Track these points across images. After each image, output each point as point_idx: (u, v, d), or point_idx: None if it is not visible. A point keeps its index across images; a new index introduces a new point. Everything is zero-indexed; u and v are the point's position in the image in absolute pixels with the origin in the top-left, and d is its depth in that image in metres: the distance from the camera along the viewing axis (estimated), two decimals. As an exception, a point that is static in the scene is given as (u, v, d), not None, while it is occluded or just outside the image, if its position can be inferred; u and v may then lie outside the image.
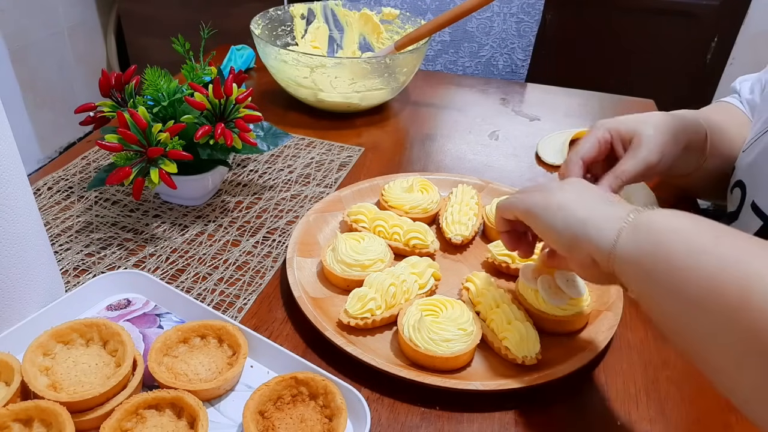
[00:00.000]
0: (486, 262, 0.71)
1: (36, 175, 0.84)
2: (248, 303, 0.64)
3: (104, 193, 0.81)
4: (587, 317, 0.62)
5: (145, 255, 0.70)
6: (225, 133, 0.69)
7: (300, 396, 0.51)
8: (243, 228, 0.76)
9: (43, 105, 2.20)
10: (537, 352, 0.57)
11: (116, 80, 0.73)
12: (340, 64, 0.98)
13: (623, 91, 1.23)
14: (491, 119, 1.09)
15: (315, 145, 0.96)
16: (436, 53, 1.53)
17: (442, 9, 1.45)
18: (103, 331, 0.53)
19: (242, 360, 0.53)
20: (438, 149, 0.98)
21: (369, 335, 0.60)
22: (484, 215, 0.76)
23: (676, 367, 0.60)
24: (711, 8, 2.06)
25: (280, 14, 1.13)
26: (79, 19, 2.30)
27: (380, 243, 0.68)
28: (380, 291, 0.60)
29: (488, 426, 0.53)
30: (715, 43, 2.12)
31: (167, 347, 0.54)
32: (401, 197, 0.76)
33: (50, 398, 0.47)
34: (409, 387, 0.55)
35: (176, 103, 0.72)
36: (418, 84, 1.20)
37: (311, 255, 0.69)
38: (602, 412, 0.55)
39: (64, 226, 0.74)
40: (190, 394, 0.49)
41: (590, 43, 2.21)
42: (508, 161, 0.96)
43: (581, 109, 1.15)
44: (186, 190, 0.77)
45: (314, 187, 0.85)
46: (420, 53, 1.02)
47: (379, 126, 1.04)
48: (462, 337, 0.56)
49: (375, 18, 1.15)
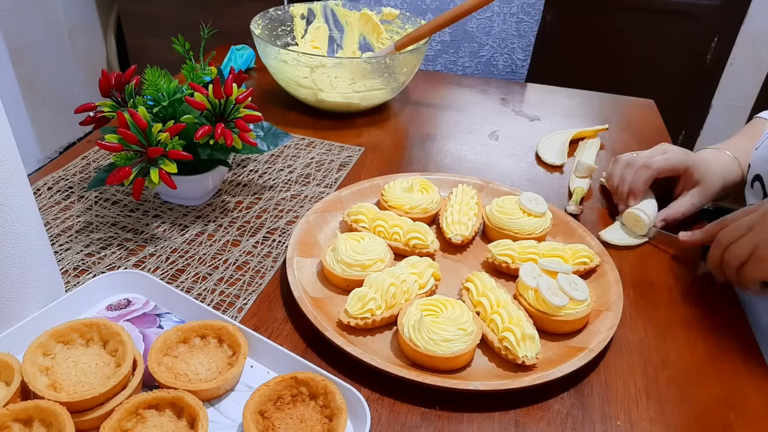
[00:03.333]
0: (486, 262, 0.71)
1: (36, 175, 0.84)
2: (248, 303, 0.64)
3: (104, 193, 0.81)
4: (587, 317, 0.62)
5: (145, 255, 0.70)
6: (225, 133, 0.69)
7: (300, 396, 0.51)
8: (243, 228, 0.76)
9: (43, 105, 2.20)
10: (537, 352, 0.57)
11: (116, 80, 0.73)
12: (340, 64, 0.98)
13: (623, 91, 1.23)
14: (491, 119, 1.09)
15: (315, 145, 0.96)
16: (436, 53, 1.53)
17: (442, 9, 1.45)
18: (103, 331, 0.53)
19: (242, 360, 0.53)
20: (438, 149, 0.98)
21: (369, 335, 0.60)
22: (484, 215, 0.76)
23: (676, 367, 0.60)
24: (711, 8, 2.06)
25: (280, 14, 1.13)
26: (79, 19, 2.30)
27: (380, 243, 0.68)
28: (380, 291, 0.60)
29: (488, 426, 0.53)
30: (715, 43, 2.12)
31: (167, 347, 0.54)
32: (401, 197, 0.76)
33: (50, 398, 0.47)
34: (409, 387, 0.55)
35: (176, 103, 0.72)
36: (418, 84, 1.20)
37: (311, 255, 0.69)
38: (602, 412, 0.55)
39: (64, 226, 0.74)
40: (190, 394, 0.49)
41: (590, 43, 2.21)
42: (508, 161, 0.96)
43: (581, 109, 1.15)
44: (186, 190, 0.77)
45: (314, 187, 0.85)
46: (420, 53, 1.02)
47: (379, 126, 1.04)
48: (462, 337, 0.56)
49: (375, 18, 1.15)
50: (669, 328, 0.65)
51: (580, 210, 0.82)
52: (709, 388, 0.58)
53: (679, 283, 0.71)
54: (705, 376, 0.59)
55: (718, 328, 0.65)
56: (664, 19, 2.11)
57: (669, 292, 0.70)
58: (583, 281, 0.63)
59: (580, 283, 0.63)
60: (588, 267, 0.69)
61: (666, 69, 2.18)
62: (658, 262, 0.75)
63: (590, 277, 0.69)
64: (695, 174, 0.78)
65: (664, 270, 0.74)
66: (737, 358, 0.62)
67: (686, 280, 0.72)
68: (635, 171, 0.79)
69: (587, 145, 0.99)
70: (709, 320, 0.66)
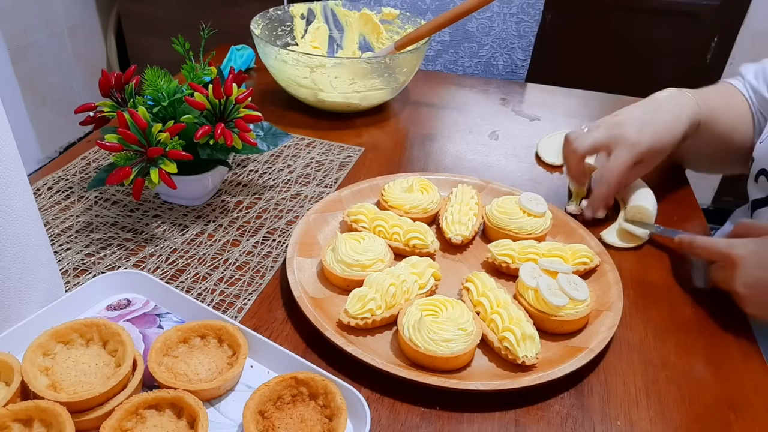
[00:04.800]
0: (486, 262, 0.71)
1: (36, 175, 0.84)
2: (248, 303, 0.64)
3: (104, 193, 0.81)
4: (587, 317, 0.62)
5: (145, 255, 0.70)
6: (225, 133, 0.69)
7: (300, 396, 0.51)
8: (243, 228, 0.76)
9: (43, 105, 2.20)
10: (537, 352, 0.57)
11: (116, 80, 0.73)
12: (340, 64, 0.98)
13: (623, 91, 1.23)
14: (491, 119, 1.09)
15: (315, 145, 0.96)
16: (436, 53, 1.53)
17: (442, 9, 1.45)
18: (103, 331, 0.53)
19: (242, 360, 0.53)
20: (438, 149, 0.98)
21: (369, 335, 0.60)
22: (484, 215, 0.76)
23: (676, 367, 0.60)
24: (711, 8, 2.06)
25: (280, 14, 1.13)
26: (79, 19, 2.29)
27: (380, 243, 0.68)
28: (380, 291, 0.60)
29: (488, 426, 0.53)
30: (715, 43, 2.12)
31: (167, 347, 0.54)
32: (401, 197, 0.76)
33: (50, 398, 0.47)
34: (409, 387, 0.55)
35: (176, 103, 0.72)
36: (418, 84, 1.20)
37: (311, 255, 0.69)
38: (602, 412, 0.55)
39: (64, 226, 0.74)
40: (190, 394, 0.49)
41: (590, 43, 2.21)
42: (508, 161, 0.96)
43: (581, 109, 1.15)
44: (186, 190, 0.77)
45: (314, 187, 0.85)
46: (420, 53, 1.02)
47: (379, 126, 1.04)
48: (462, 337, 0.56)
49: (375, 18, 1.15)
50: (669, 328, 0.65)
51: (580, 210, 0.82)
52: (709, 388, 0.58)
53: (679, 283, 0.71)
54: (705, 376, 0.59)
55: (718, 328, 0.65)
56: (664, 19, 2.11)
57: (669, 292, 0.70)
58: (583, 281, 0.63)
59: (580, 283, 0.63)
60: (588, 267, 0.69)
61: (666, 69, 2.18)
62: (658, 262, 0.75)
63: (590, 277, 0.69)
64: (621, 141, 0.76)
65: (664, 270, 0.74)
66: (737, 358, 0.62)
67: (686, 280, 0.72)
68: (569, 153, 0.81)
69: (587, 145, 0.99)
70: (709, 320, 0.66)
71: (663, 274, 0.73)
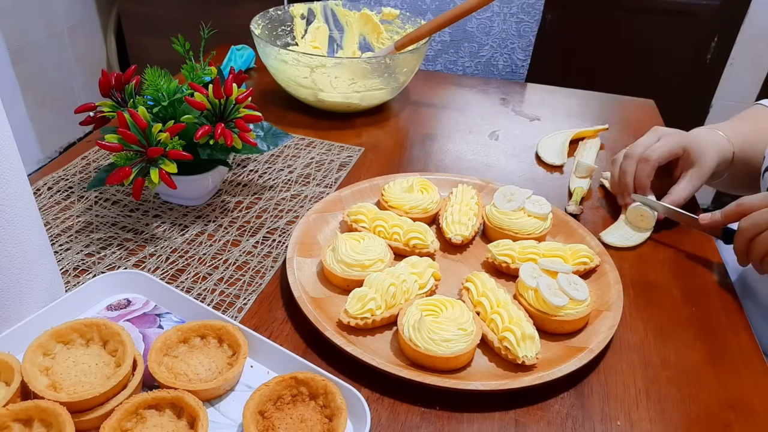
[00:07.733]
0: (486, 262, 0.71)
1: (36, 175, 0.84)
2: (248, 303, 0.64)
3: (104, 193, 0.81)
4: (587, 317, 0.62)
5: (145, 255, 0.70)
6: (225, 133, 0.69)
7: (300, 396, 0.51)
8: (243, 228, 0.76)
9: (43, 105, 2.20)
10: (537, 352, 0.57)
11: (116, 80, 0.73)
12: (340, 64, 0.98)
13: (623, 91, 1.23)
14: (491, 119, 1.09)
15: (315, 145, 0.96)
16: (436, 53, 1.53)
17: (442, 9, 1.45)
18: (103, 331, 0.53)
19: (242, 360, 0.53)
20: (438, 149, 0.98)
21: (369, 335, 0.60)
22: (484, 215, 0.76)
23: (676, 367, 0.60)
24: (711, 8, 2.06)
25: (280, 14, 1.13)
26: (79, 19, 2.29)
27: (380, 243, 0.68)
28: (380, 291, 0.60)
29: (488, 426, 0.53)
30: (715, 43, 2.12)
31: (167, 347, 0.54)
32: (401, 197, 0.76)
33: (50, 398, 0.47)
34: (409, 387, 0.55)
35: (176, 103, 0.72)
36: (418, 84, 1.20)
37: (311, 255, 0.69)
38: (602, 412, 0.55)
39: (64, 226, 0.74)
40: (190, 394, 0.49)
41: (590, 43, 2.21)
42: (508, 161, 0.96)
43: (581, 109, 1.15)
44: (186, 190, 0.77)
45: (314, 187, 0.85)
46: (420, 53, 1.02)
47: (379, 126, 1.04)
48: (462, 337, 0.56)
49: (375, 18, 1.15)
50: (669, 329, 0.65)
51: (580, 210, 0.82)
52: (709, 388, 0.58)
53: (679, 283, 0.71)
54: (705, 376, 0.59)
55: (718, 328, 0.65)
56: (664, 19, 2.11)
57: (669, 292, 0.70)
58: (583, 281, 0.63)
59: (580, 283, 0.63)
60: (588, 267, 0.69)
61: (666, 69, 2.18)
62: (658, 262, 0.75)
63: (590, 277, 0.69)
64: (693, 154, 0.78)
65: (664, 270, 0.74)
66: (737, 358, 0.62)
67: (686, 280, 0.72)
68: (635, 163, 0.78)
69: (587, 145, 0.99)
70: (709, 320, 0.66)
71: (663, 274, 0.73)
